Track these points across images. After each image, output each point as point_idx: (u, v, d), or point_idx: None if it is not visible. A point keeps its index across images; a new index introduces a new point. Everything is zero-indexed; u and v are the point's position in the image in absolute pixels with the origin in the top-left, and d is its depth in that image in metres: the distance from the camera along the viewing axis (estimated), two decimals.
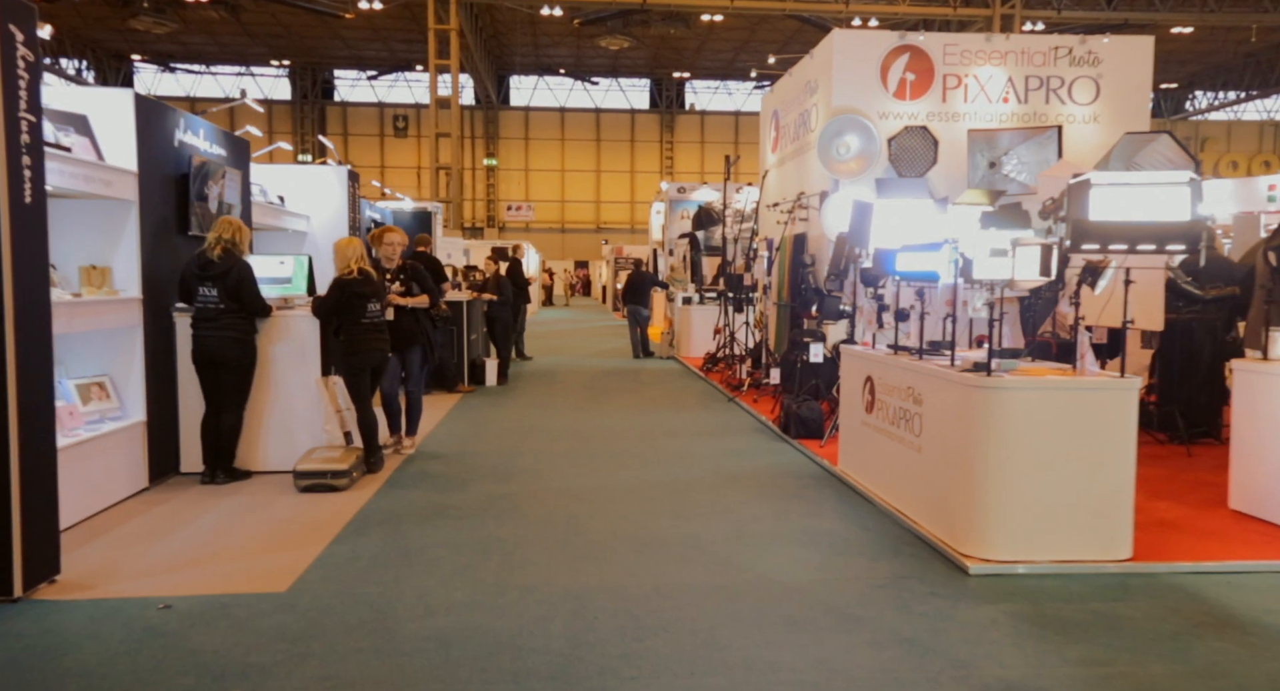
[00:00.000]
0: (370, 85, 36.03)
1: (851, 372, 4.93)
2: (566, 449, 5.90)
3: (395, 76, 35.48)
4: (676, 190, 15.26)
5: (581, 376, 9.95)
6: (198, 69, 34.59)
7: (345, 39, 31.63)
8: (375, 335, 5.15)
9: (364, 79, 35.75)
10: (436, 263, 8.22)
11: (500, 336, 9.04)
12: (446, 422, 6.90)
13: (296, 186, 7.51)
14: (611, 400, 8.18)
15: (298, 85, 35.31)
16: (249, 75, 35.40)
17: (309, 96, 35.35)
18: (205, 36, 31.10)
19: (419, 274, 5.72)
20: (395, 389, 5.71)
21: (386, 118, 35.96)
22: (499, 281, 8.98)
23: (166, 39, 30.91)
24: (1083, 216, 3.51)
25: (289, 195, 7.41)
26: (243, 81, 35.21)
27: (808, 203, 8.06)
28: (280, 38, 31.53)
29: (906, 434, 4.17)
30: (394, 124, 35.76)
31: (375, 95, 36.29)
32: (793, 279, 8.34)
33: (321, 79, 35.61)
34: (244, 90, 34.25)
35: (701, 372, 9.97)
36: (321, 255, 7.46)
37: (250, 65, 34.93)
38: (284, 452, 5.04)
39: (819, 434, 6.03)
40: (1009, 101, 7.83)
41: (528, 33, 30.87)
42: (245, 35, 31.11)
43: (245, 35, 31.11)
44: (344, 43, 32.13)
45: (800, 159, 8.75)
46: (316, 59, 34.18)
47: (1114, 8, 24.55)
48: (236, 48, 32.61)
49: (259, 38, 31.46)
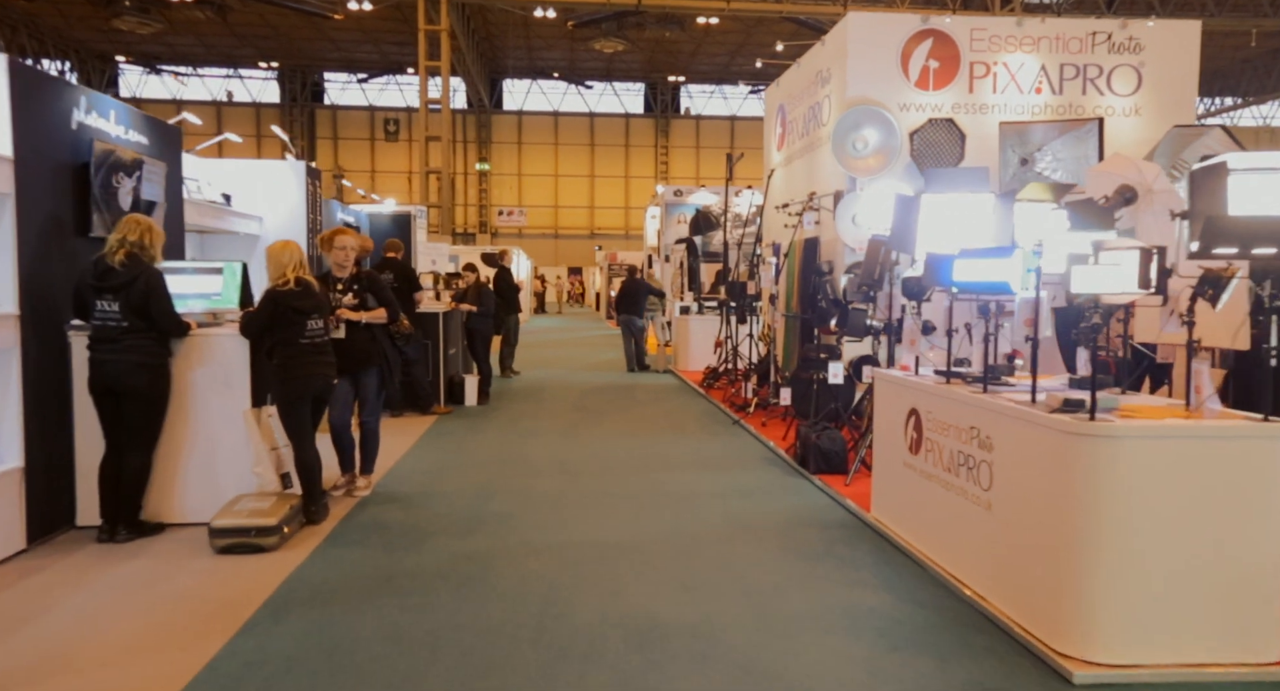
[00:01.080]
0: (361, 88, 35.11)
1: (890, 403, 4.04)
2: (550, 488, 4.99)
3: (386, 79, 34.57)
4: (673, 193, 14.39)
5: (571, 393, 9.04)
6: (185, 71, 33.58)
7: (335, 41, 30.72)
8: (317, 358, 4.24)
9: (354, 82, 34.82)
10: (409, 271, 7.31)
11: (480, 351, 8.12)
12: (415, 453, 5.98)
13: (247, 183, 6.59)
14: (603, 422, 7.27)
15: (287, 88, 34.35)
16: (237, 77, 34.41)
17: (298, 99, 34.40)
18: (192, 37, 30.13)
19: (376, 284, 4.81)
20: (347, 419, 4.80)
21: (377, 121, 35.04)
22: (479, 291, 8.06)
23: (152, 40, 29.91)
24: (1218, 211, 2.64)
25: (238, 193, 6.49)
26: (230, 84, 34.20)
27: (819, 204, 7.19)
28: (268, 39, 30.59)
29: (970, 485, 3.28)
30: (385, 128, 34.83)
31: (366, 98, 35.36)
32: (803, 288, 7.46)
33: (311, 82, 34.66)
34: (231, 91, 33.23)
35: (701, 389, 9.07)
36: None
37: (238, 67, 33.95)
38: (205, 501, 4.12)
39: (842, 468, 5.14)
40: (1042, 92, 7.00)
41: (521, 35, 30.03)
42: (233, 36, 30.15)
43: (233, 36, 30.15)
44: (334, 44, 31.21)
45: (811, 156, 7.88)
46: (306, 61, 33.24)
47: (1114, 11, 23.89)
48: (224, 49, 31.65)
49: (247, 39, 30.51)
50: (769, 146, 9.30)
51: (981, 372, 3.33)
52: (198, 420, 4.19)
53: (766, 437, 6.34)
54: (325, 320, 4.34)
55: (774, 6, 24.22)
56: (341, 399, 4.72)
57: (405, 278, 7.18)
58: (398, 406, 7.33)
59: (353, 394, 4.78)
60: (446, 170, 25.17)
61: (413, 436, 6.51)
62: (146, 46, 31.28)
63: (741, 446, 6.26)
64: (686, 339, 10.60)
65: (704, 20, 26.60)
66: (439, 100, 24.27)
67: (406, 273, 7.21)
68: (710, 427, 7.04)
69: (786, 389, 6.78)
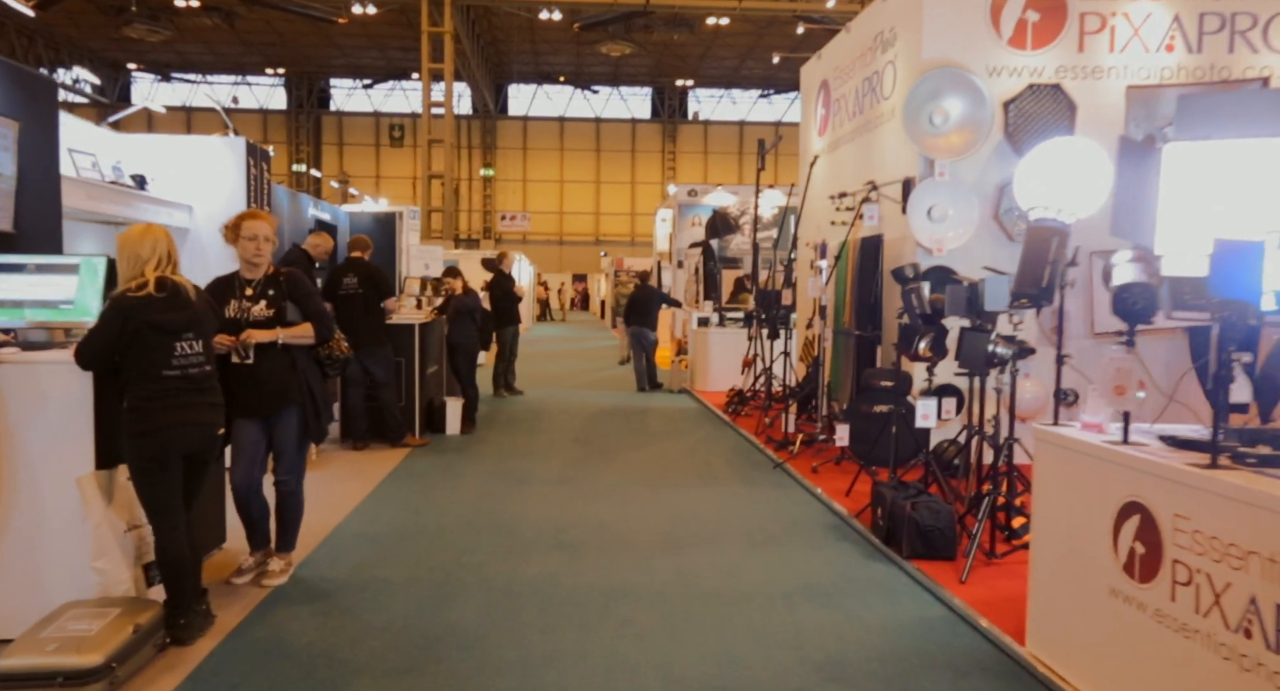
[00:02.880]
0: (366, 94, 33.84)
1: (1077, 485, 2.50)
2: (538, 579, 3.44)
3: (391, 85, 33.32)
4: (687, 193, 12.87)
5: (574, 420, 7.50)
6: (194, 78, 32.44)
7: (341, 47, 29.48)
8: (191, 398, 2.72)
9: (360, 87, 33.59)
10: (378, 275, 5.79)
11: (464, 370, 6.60)
12: (367, 507, 4.44)
13: (170, 163, 5.11)
14: (612, 463, 5.73)
15: (294, 94, 33.12)
16: (245, 84, 33.21)
17: (304, 106, 33.14)
18: (200, 45, 28.96)
19: (300, 289, 3.28)
20: (255, 479, 3.26)
21: (382, 127, 33.74)
22: (459, 303, 6.53)
23: (163, 48, 28.78)
24: None
25: (160, 176, 5.02)
26: (238, 91, 33.04)
27: (881, 195, 5.68)
28: (275, 46, 29.38)
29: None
30: (390, 133, 33.53)
31: (371, 104, 34.10)
32: (859, 297, 5.93)
33: (318, 88, 33.43)
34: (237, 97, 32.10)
35: (726, 416, 7.53)
36: (208, 258, 5.08)
37: (246, 74, 32.75)
38: (23, 608, 2.63)
39: (948, 552, 3.60)
40: (1174, 50, 5.43)
41: (526, 39, 28.72)
42: (240, 43, 28.95)
43: (240, 43, 28.95)
44: (340, 50, 29.98)
45: (866, 139, 6.37)
46: (313, 68, 32.02)
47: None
48: (232, 56, 30.48)
49: (254, 46, 29.31)
50: (807, 132, 7.79)
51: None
52: (16, 489, 2.69)
53: (823, 491, 4.80)
54: (207, 342, 2.84)
55: (787, 5, 22.82)
56: (249, 451, 3.20)
57: (373, 283, 5.69)
58: (362, 436, 5.81)
59: (264, 444, 3.26)
60: (449, 174, 23.79)
61: (371, 479, 4.98)
62: (157, 54, 30.12)
63: (793, 504, 4.71)
64: (705, 355, 9.05)
65: (714, 21, 25.22)
66: (443, 104, 22.95)
67: (374, 277, 5.71)
68: (746, 472, 5.49)
69: (843, 426, 5.25)
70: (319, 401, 3.22)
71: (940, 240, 5.33)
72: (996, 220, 5.51)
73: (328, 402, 3.30)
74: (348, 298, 5.61)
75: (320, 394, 3.25)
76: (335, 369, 3.33)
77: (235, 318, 3.12)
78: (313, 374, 3.25)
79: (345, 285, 5.61)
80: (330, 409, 3.34)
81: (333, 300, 5.66)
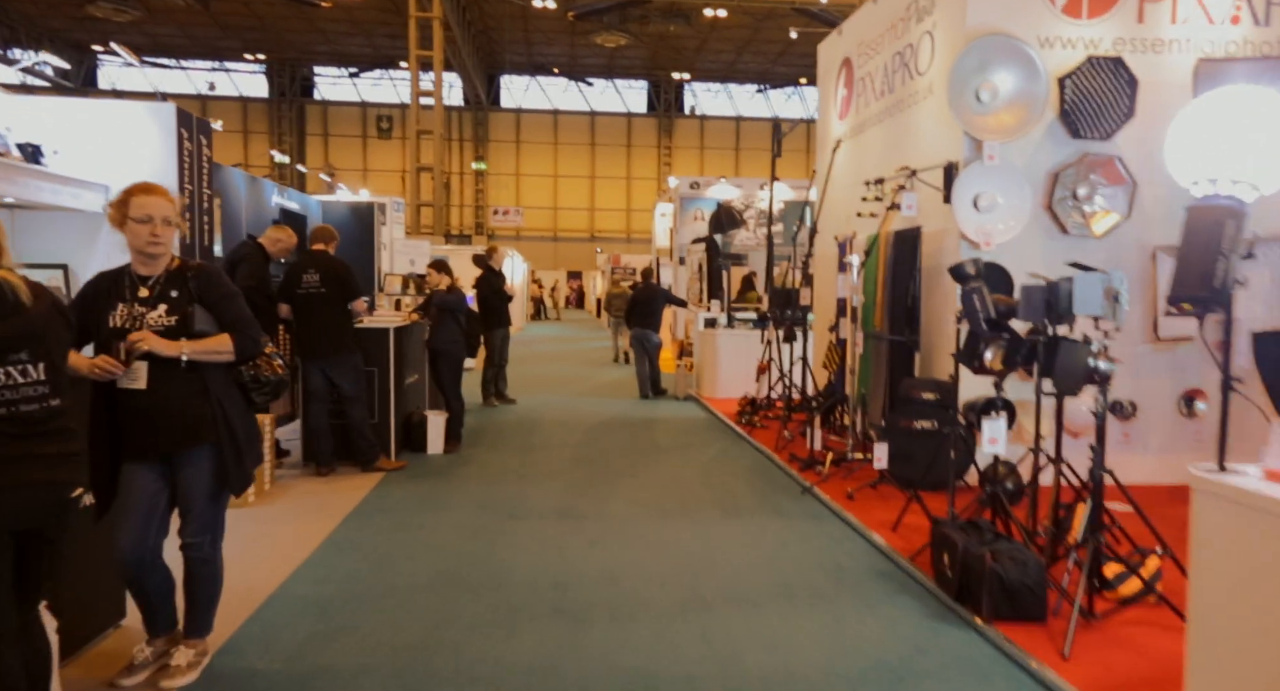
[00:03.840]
0: (352, 83, 32.79)
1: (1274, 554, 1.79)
2: (533, 658, 2.68)
3: (379, 75, 32.31)
4: (689, 186, 12.11)
5: (572, 433, 6.74)
6: (168, 63, 31.23)
7: (325, 32, 28.45)
8: (22, 447, 1.82)
9: (345, 76, 32.54)
10: (343, 271, 4.97)
11: (448, 380, 5.82)
12: (319, 560, 3.63)
13: (84, 134, 4.27)
14: (617, 489, 4.98)
15: (275, 82, 32.02)
16: (223, 70, 32.05)
17: (287, 94, 32.06)
18: (173, 27, 27.82)
19: (214, 289, 2.47)
20: (152, 545, 2.42)
21: (370, 118, 32.73)
22: (442, 301, 5.73)
23: (131, 29, 27.62)
24: None
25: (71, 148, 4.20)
26: (215, 77, 31.86)
27: (913, 184, 4.95)
28: (254, 30, 28.30)
29: None
30: (378, 125, 32.53)
31: (358, 94, 33.05)
32: (893, 297, 5.21)
33: (301, 76, 32.35)
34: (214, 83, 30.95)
35: (739, 427, 6.79)
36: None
37: (224, 60, 31.60)
38: None
39: (1039, 613, 2.89)
40: (1240, 23, 4.78)
41: (519, 28, 27.82)
42: (216, 26, 27.84)
43: (216, 26, 27.84)
44: (324, 37, 28.94)
45: (899, 120, 5.64)
46: (295, 54, 30.94)
47: None
48: (207, 40, 29.33)
49: (231, 29, 28.21)
50: (826, 115, 7.05)
51: None
52: None
53: (864, 523, 4.07)
54: (54, 363, 2.00)
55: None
56: (142, 507, 2.37)
57: (337, 280, 4.89)
58: (327, 460, 5.03)
59: (165, 497, 2.44)
60: (439, 167, 22.89)
61: (332, 515, 4.21)
62: (126, 36, 28.93)
63: (832, 541, 3.97)
64: (713, 359, 8.30)
65: (710, 13, 24.44)
66: (432, 93, 22.03)
67: (339, 273, 4.92)
68: (772, 498, 4.75)
69: (880, 444, 4.52)
70: (240, 439, 2.43)
71: (988, 233, 4.61)
72: (1049, 210, 4.81)
73: (253, 440, 2.50)
74: (308, 298, 4.83)
75: (244, 429, 2.46)
76: (265, 395, 2.54)
77: (122, 327, 2.34)
78: (232, 402, 2.46)
79: (305, 282, 4.83)
80: (256, 449, 2.54)
81: (290, 300, 4.89)
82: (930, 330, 5.06)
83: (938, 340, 4.96)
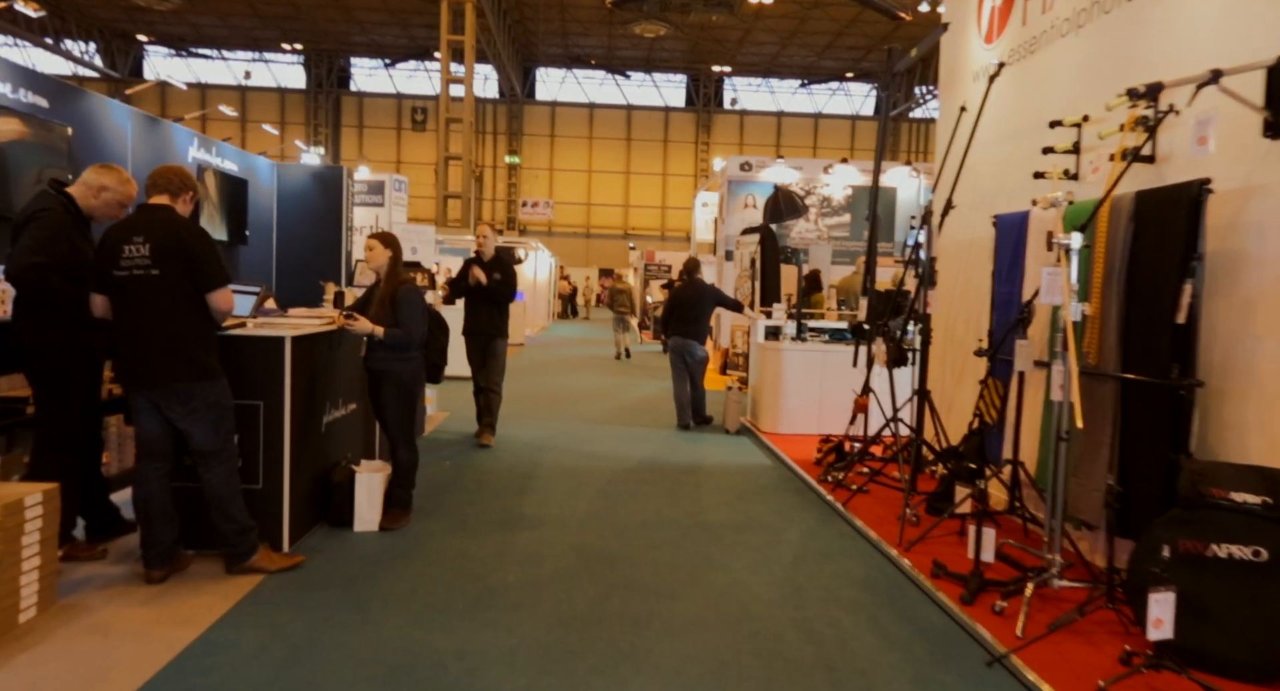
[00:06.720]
0: (388, 74, 31.25)
1: None
2: None
3: (415, 66, 30.69)
4: (739, 167, 9.84)
5: (580, 493, 4.50)
6: (209, 53, 30.14)
7: (361, 23, 26.88)
8: None
9: (381, 67, 31.04)
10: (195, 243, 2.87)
11: (395, 417, 3.60)
12: None
13: None
14: (642, 638, 2.76)
15: (312, 73, 30.64)
16: (262, 61, 30.80)
17: (324, 85, 30.65)
18: (213, 17, 26.56)
19: None
20: None
21: (405, 110, 31.14)
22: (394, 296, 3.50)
23: (174, 19, 26.46)
24: None
25: None
26: (256, 68, 30.65)
27: (1184, 107, 2.63)
28: (291, 19, 26.86)
29: None
30: (412, 116, 30.92)
31: (393, 86, 31.50)
32: (1129, 310, 2.90)
33: (337, 67, 30.94)
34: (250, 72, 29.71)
35: (822, 486, 4.50)
36: None
37: (262, 50, 30.36)
38: None
39: None
40: None
41: (556, 18, 25.82)
42: (255, 16, 26.50)
43: (255, 16, 26.50)
44: (360, 27, 27.40)
45: (1123, 13, 3.32)
46: (332, 45, 29.51)
47: None
48: (247, 30, 28.05)
49: (269, 19, 26.82)
50: (960, 44, 4.73)
51: None
52: None
53: None
54: None
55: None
56: None
57: (180, 255, 2.75)
58: (166, 555, 2.86)
59: None
60: (469, 157, 20.96)
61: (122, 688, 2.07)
62: (169, 26, 27.84)
63: None
64: (776, 380, 5.99)
65: (756, 1, 22.04)
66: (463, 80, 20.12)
67: (184, 244, 2.78)
68: (928, 673, 2.49)
69: (1164, 593, 2.24)
70: None
71: None
72: None
73: None
74: (132, 283, 2.72)
75: None
76: None
77: None
78: None
79: (126, 257, 2.72)
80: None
81: (102, 289, 2.79)
82: (1226, 367, 2.75)
83: (1240, 385, 2.66)
